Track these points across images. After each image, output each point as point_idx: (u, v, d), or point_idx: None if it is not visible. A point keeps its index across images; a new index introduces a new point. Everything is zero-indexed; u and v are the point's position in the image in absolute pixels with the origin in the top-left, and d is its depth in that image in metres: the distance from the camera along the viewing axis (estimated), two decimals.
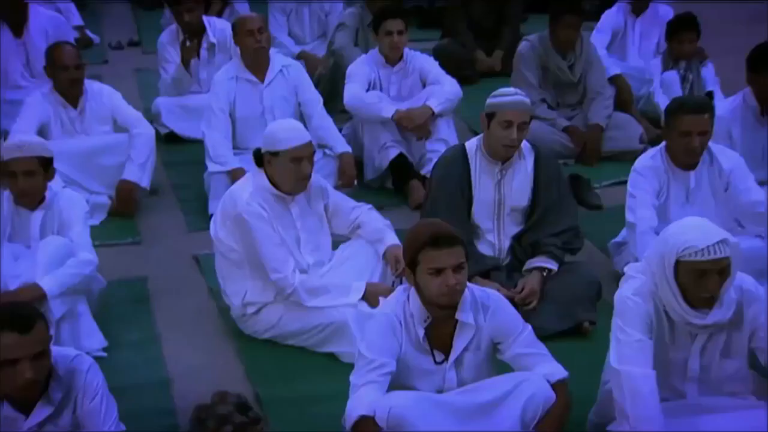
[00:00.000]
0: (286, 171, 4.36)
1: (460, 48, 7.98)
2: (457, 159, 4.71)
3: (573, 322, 4.54)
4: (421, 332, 3.48)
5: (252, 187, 4.40)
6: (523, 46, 6.59)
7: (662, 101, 6.38)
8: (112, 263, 5.10)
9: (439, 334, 3.52)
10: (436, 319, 3.48)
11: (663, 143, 4.74)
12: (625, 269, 3.58)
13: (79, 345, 4.24)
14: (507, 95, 4.58)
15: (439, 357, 3.52)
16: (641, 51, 7.30)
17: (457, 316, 3.47)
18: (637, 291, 3.43)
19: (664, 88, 6.67)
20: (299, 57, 7.44)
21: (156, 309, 4.86)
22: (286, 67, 5.96)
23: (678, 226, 3.39)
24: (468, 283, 3.50)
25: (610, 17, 7.31)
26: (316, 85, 6.36)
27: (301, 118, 5.79)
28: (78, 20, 8.80)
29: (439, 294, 3.38)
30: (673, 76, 6.72)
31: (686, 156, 4.62)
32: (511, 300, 4.10)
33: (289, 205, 4.46)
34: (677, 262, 3.30)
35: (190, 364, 4.37)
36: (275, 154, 4.34)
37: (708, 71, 6.75)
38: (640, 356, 3.37)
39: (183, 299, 4.94)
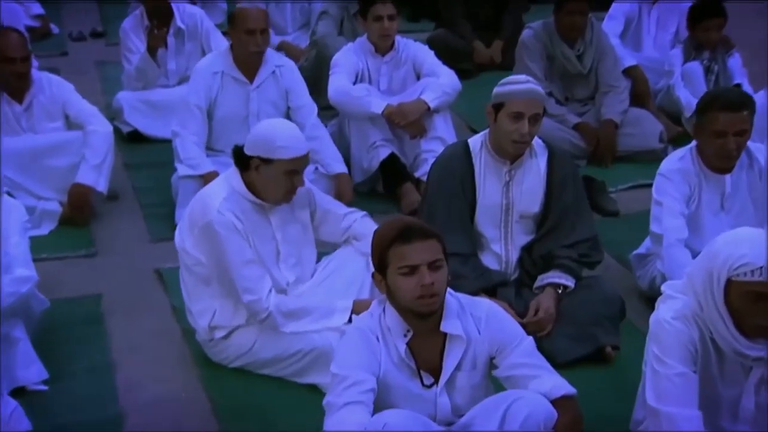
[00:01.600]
0: (275, 182, 4.13)
1: (457, 38, 7.86)
2: (459, 157, 4.46)
3: (593, 347, 4.30)
4: (402, 347, 3.23)
5: (225, 191, 4.13)
6: (525, 34, 6.43)
7: (683, 95, 6.33)
8: (62, 279, 4.96)
9: (426, 352, 3.28)
10: (418, 333, 3.24)
11: (693, 142, 4.49)
12: (663, 288, 3.33)
13: (14, 377, 4.01)
14: (517, 83, 4.35)
15: (428, 380, 3.28)
16: (656, 42, 7.12)
17: (442, 327, 3.24)
18: (677, 314, 3.18)
19: (685, 81, 6.48)
20: (279, 48, 7.30)
21: (111, 331, 4.64)
22: (279, 68, 5.69)
23: (730, 238, 3.13)
24: (452, 291, 3.29)
25: (623, 3, 7.15)
26: None
27: None
28: (38, 9, 8.70)
29: (414, 297, 3.14)
30: (695, 67, 6.52)
31: (720, 160, 4.38)
32: (523, 327, 3.84)
33: (268, 213, 4.22)
34: (729, 282, 3.05)
35: (147, 397, 4.14)
36: (268, 161, 4.09)
37: (735, 62, 6.59)
38: (683, 393, 3.13)
39: (142, 320, 4.73)
